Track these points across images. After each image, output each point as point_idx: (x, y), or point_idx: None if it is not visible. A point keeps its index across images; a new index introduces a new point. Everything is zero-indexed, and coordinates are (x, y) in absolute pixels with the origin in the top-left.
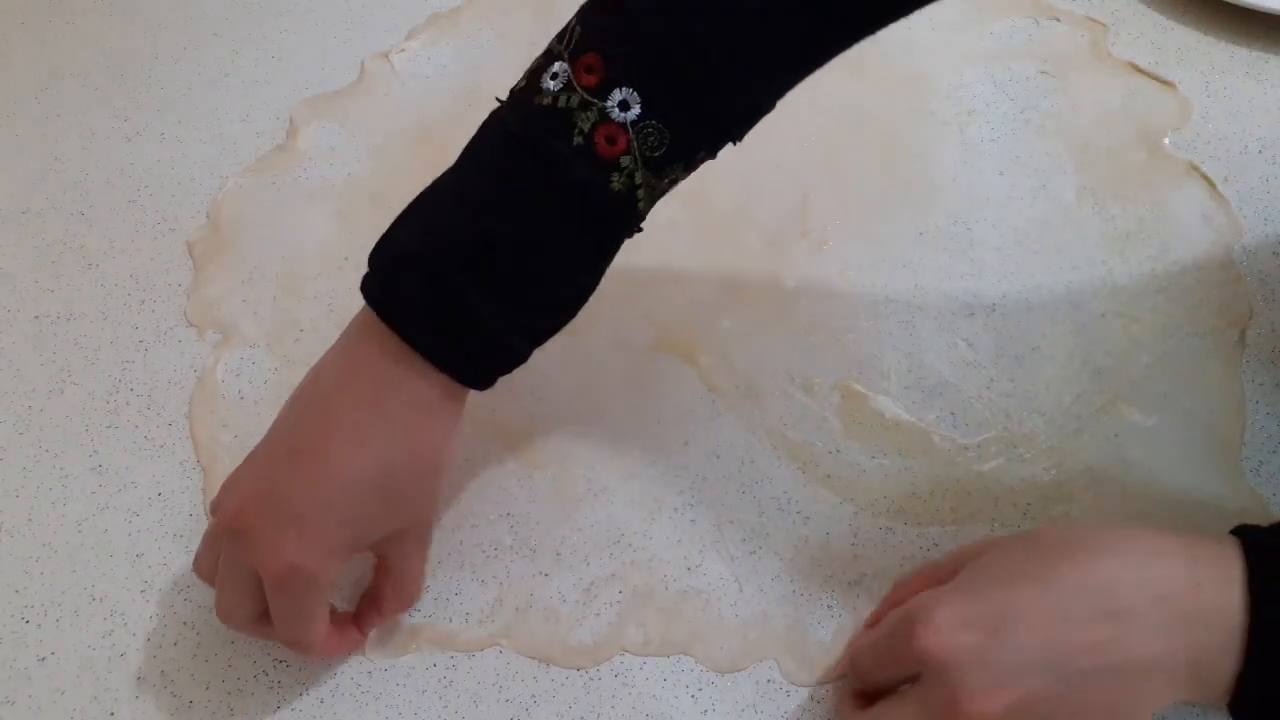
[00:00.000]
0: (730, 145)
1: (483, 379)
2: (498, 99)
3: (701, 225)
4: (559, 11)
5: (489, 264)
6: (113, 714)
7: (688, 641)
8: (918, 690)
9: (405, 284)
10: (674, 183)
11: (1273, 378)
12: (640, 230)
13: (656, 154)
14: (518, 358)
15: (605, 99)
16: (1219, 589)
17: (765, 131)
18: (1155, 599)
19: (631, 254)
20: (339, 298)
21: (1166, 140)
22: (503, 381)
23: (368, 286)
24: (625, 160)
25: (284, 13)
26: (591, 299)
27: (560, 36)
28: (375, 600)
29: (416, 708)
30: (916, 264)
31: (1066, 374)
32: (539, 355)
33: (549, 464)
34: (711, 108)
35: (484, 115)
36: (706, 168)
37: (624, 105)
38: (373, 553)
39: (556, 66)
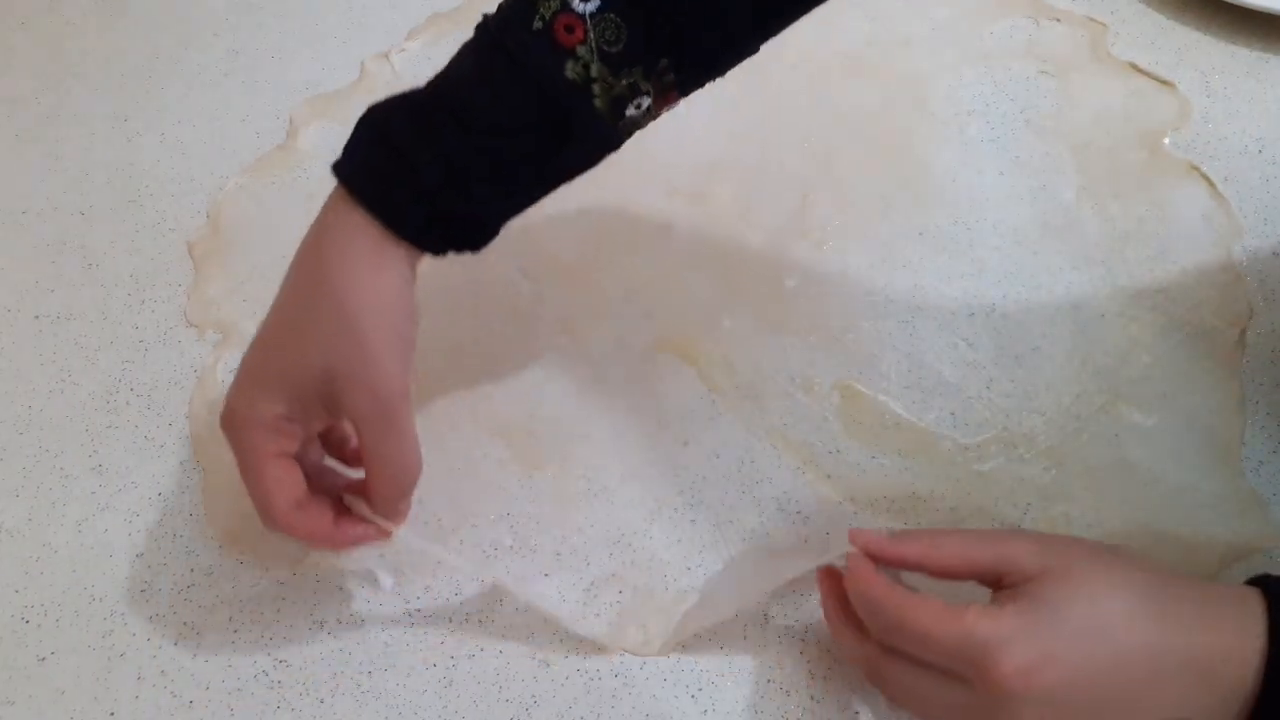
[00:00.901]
0: (713, 82)
1: (419, 233)
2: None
3: (701, 225)
4: None
5: (437, 125)
6: (113, 714)
7: (688, 641)
8: (968, 696)
9: (355, 141)
10: (636, 91)
11: (1272, 378)
12: (615, 148)
13: (613, 49)
14: (460, 223)
15: None
16: (1243, 651)
17: (765, 131)
18: (1182, 664)
19: (632, 254)
20: None
21: (1166, 140)
22: (503, 381)
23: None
24: (581, 50)
25: (284, 13)
26: (591, 298)
27: None
28: (364, 486)
29: (416, 707)
30: (916, 264)
31: (1066, 374)
32: (540, 355)
33: (549, 464)
34: (670, 11)
35: None
36: (707, 167)
37: None
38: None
39: None
